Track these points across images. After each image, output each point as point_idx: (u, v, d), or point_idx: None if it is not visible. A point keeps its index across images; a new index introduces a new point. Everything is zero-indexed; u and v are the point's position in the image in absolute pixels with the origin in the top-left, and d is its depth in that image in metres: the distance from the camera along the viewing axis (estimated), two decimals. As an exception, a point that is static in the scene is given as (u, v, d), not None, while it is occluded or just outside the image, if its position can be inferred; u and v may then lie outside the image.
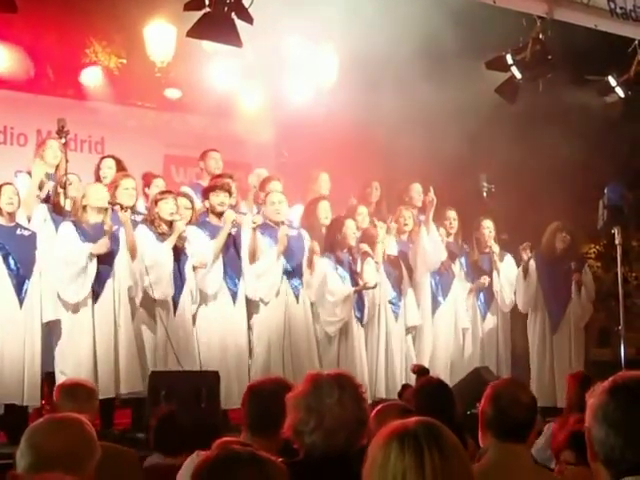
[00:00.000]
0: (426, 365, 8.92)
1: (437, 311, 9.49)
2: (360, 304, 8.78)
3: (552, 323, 9.56)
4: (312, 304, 8.62)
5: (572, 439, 4.14)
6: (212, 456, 2.40)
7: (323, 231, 8.92)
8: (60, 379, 6.93)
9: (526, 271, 9.55)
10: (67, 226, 7.60)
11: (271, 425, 3.76)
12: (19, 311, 7.40)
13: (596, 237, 11.42)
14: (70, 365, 7.34)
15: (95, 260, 7.46)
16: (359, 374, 8.16)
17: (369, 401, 4.25)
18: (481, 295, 9.81)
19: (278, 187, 8.99)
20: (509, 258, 9.86)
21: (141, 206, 8.69)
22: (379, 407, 4.27)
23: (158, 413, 5.37)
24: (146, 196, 8.90)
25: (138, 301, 7.74)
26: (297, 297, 8.51)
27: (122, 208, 7.57)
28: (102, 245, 7.46)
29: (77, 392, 4.91)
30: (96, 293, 7.52)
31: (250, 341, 8.33)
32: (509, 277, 9.78)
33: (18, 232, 7.56)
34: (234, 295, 8.25)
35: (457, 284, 9.67)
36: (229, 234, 8.25)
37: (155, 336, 7.77)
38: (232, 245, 8.33)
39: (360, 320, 8.78)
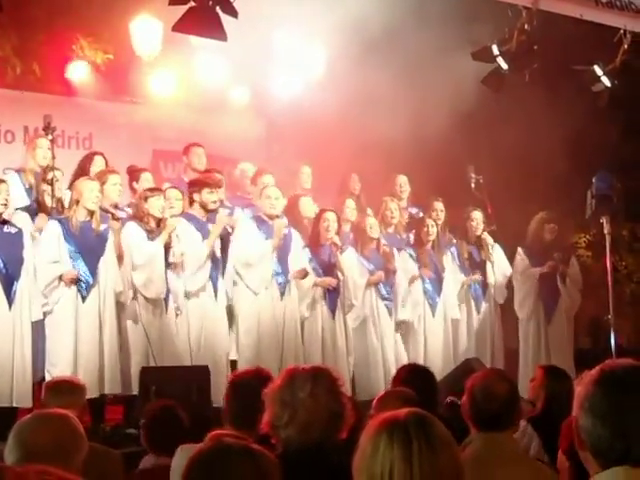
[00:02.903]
0: (420, 360, 8.97)
1: (430, 308, 9.50)
2: (333, 297, 8.78)
3: (546, 314, 9.58)
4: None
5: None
6: (205, 449, 2.40)
7: (306, 223, 8.94)
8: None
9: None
10: (53, 225, 7.56)
11: (252, 418, 3.73)
12: (8, 312, 7.35)
13: (586, 226, 11.46)
14: (57, 367, 7.32)
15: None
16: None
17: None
18: (476, 286, 9.80)
19: (271, 181, 9.00)
20: (498, 249, 9.88)
21: (125, 201, 8.67)
22: (381, 394, 4.25)
23: (151, 409, 5.31)
24: (133, 190, 8.86)
25: (128, 303, 7.73)
26: (282, 293, 8.52)
27: (114, 217, 7.55)
28: (70, 274, 7.44)
29: (60, 388, 4.93)
30: (82, 294, 7.50)
31: (237, 335, 8.35)
32: (502, 268, 9.80)
33: (5, 230, 7.48)
34: (215, 291, 8.25)
35: (448, 276, 9.66)
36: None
37: (146, 334, 7.76)
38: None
39: (332, 311, 8.77)
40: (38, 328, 7.63)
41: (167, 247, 7.93)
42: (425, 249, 9.49)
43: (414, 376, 4.88)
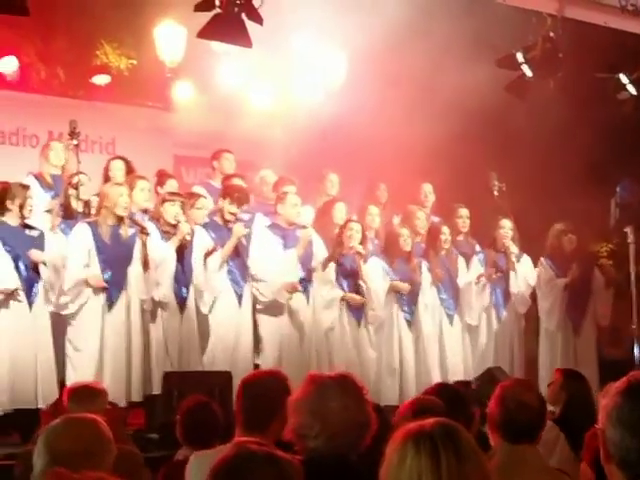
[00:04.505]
0: (437, 370, 8.93)
1: (447, 317, 9.46)
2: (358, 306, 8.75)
3: (574, 326, 9.48)
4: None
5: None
6: (229, 456, 2.38)
7: (335, 230, 8.94)
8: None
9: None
10: (83, 229, 7.59)
11: (265, 420, 3.69)
12: (29, 313, 7.41)
13: (608, 235, 11.39)
14: (77, 372, 7.34)
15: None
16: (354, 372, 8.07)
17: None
18: (498, 294, 9.76)
19: (293, 190, 9.01)
20: (526, 258, 9.79)
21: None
22: (408, 403, 4.15)
23: (187, 404, 5.31)
24: (158, 195, 8.91)
25: (149, 309, 7.77)
26: (307, 299, 8.52)
27: (142, 231, 7.59)
28: (96, 279, 7.49)
29: (81, 394, 4.93)
30: (110, 301, 7.55)
31: (260, 342, 8.34)
32: (526, 277, 9.72)
33: (27, 233, 7.56)
34: (239, 297, 8.26)
35: (464, 282, 9.61)
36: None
37: (160, 338, 7.79)
38: (238, 249, 8.33)
39: (357, 320, 8.74)
40: (58, 328, 7.68)
41: (184, 248, 7.94)
42: (439, 257, 9.44)
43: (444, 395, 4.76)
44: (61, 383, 7.37)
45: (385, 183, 10.13)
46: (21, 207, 7.46)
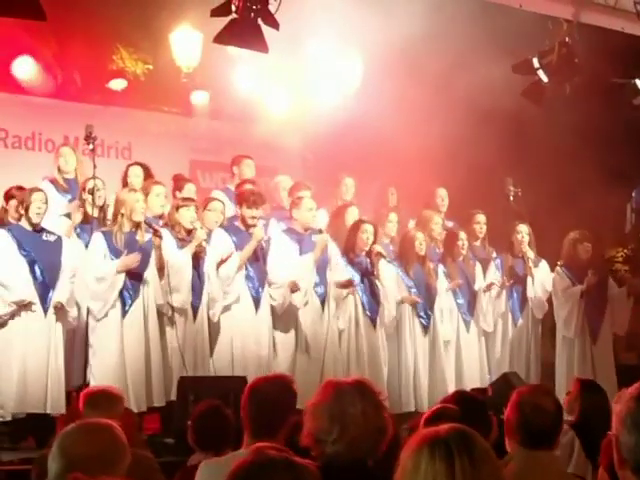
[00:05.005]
0: (452, 377, 8.90)
1: (464, 323, 9.45)
2: (373, 305, 8.74)
3: (592, 333, 9.44)
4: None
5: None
6: (247, 462, 2.37)
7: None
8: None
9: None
10: (98, 238, 7.59)
11: (274, 426, 3.70)
12: (44, 319, 7.43)
13: (624, 240, 11.35)
14: (99, 381, 7.29)
15: (122, 275, 7.51)
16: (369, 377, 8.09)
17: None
18: (515, 300, 9.73)
19: (308, 194, 9.02)
20: (544, 264, 9.77)
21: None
22: (429, 411, 4.13)
23: (198, 409, 5.31)
24: (175, 199, 8.92)
25: (169, 314, 7.77)
26: (322, 304, 8.51)
27: (156, 234, 7.60)
28: (128, 260, 7.48)
29: (97, 399, 4.93)
30: (125, 307, 7.55)
31: (275, 346, 8.34)
32: (543, 283, 9.69)
33: (44, 238, 7.57)
34: (256, 303, 8.23)
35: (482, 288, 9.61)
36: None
37: (176, 343, 7.79)
38: (257, 253, 8.31)
39: (372, 321, 8.73)
40: (71, 334, 7.72)
41: (198, 255, 7.94)
42: (456, 262, 9.43)
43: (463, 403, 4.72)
44: (79, 390, 7.39)
45: (400, 187, 10.13)
46: (26, 210, 7.48)
